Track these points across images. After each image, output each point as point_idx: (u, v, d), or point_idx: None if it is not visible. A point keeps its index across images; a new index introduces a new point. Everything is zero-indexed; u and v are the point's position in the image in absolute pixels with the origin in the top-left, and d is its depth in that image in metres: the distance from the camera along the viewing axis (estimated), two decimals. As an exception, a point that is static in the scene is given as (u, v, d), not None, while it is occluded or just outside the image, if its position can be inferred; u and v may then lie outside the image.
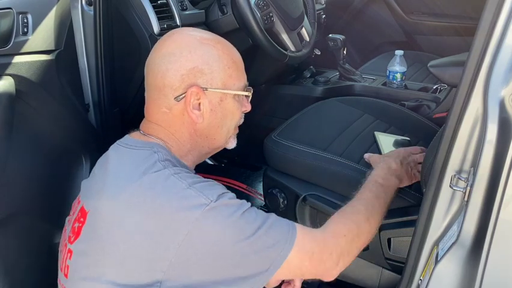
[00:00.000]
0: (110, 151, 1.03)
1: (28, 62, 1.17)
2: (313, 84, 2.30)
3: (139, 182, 0.90)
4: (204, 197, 0.88)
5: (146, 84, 1.02)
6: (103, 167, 1.00)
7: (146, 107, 1.03)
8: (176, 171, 0.92)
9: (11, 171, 1.15)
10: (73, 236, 0.97)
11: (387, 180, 1.21)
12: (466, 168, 0.95)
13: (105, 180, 0.96)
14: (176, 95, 0.97)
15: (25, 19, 1.15)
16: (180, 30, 1.07)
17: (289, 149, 1.56)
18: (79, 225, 0.97)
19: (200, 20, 1.70)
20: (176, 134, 1.01)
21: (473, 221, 0.91)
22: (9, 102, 1.10)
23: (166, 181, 0.90)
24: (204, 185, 0.91)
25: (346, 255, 1.00)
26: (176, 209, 0.87)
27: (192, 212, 0.86)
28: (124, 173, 0.94)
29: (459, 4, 2.61)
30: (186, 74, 0.96)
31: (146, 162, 0.93)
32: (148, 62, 1.01)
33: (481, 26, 0.88)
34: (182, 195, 0.88)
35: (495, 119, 0.87)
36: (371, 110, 1.81)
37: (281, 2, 1.81)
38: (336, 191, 1.48)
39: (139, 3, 1.48)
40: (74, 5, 1.33)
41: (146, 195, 0.89)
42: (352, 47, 2.88)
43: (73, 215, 1.03)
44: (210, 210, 0.87)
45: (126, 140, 1.03)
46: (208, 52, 0.99)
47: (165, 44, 1.00)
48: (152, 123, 1.01)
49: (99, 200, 0.94)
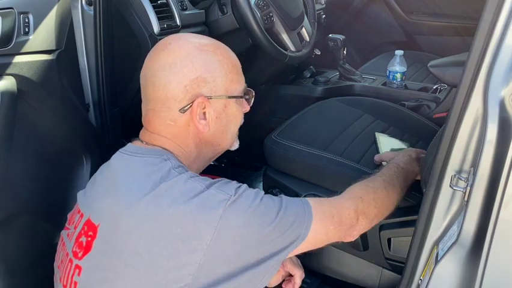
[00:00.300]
0: (113, 160, 1.00)
1: (29, 62, 1.17)
2: (313, 84, 2.30)
3: (156, 191, 0.87)
4: (224, 193, 0.87)
5: (146, 96, 0.98)
6: (109, 178, 0.97)
7: (147, 119, 0.99)
8: (192, 175, 0.91)
9: (12, 171, 1.15)
10: (81, 251, 0.93)
11: (408, 164, 1.23)
12: (466, 168, 0.95)
13: (116, 191, 0.92)
14: (181, 107, 0.95)
15: (26, 19, 1.16)
16: (176, 37, 1.01)
17: (289, 149, 1.56)
18: (88, 239, 0.93)
19: (200, 20, 1.70)
20: (182, 145, 0.99)
21: (473, 221, 0.91)
22: (11, 102, 1.10)
23: (184, 185, 0.88)
24: (220, 183, 0.91)
25: (364, 216, 1.03)
26: (198, 211, 0.85)
27: (215, 210, 0.85)
28: (138, 182, 0.90)
29: (459, 4, 2.61)
30: (190, 85, 0.94)
31: (160, 170, 0.91)
32: (146, 73, 0.97)
33: (481, 26, 0.89)
34: (203, 196, 0.87)
35: (495, 119, 0.87)
36: (371, 110, 1.81)
37: (281, 2, 1.81)
38: (336, 191, 1.48)
39: (139, 3, 1.48)
40: (75, 5, 1.34)
41: (164, 202, 0.86)
42: (352, 47, 2.88)
43: (74, 229, 0.98)
44: (232, 204, 0.86)
45: (130, 148, 1.00)
46: (209, 59, 0.97)
47: (163, 54, 0.96)
48: (154, 134, 0.99)
49: (112, 213, 0.90)
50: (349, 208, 1.01)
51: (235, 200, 0.87)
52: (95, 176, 1.02)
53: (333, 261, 1.59)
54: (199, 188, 0.88)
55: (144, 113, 1.00)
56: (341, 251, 1.54)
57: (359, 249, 1.45)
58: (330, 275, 1.60)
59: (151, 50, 1.00)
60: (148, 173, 0.91)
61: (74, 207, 1.04)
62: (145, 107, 1.00)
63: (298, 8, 1.93)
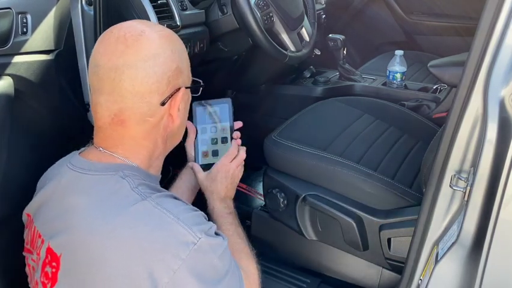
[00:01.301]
0: (64, 177, 0.90)
1: (27, 62, 1.17)
2: (313, 84, 2.30)
3: (116, 221, 0.80)
4: (192, 234, 0.81)
5: (115, 92, 0.84)
6: (61, 199, 0.88)
7: (120, 119, 0.86)
8: (157, 201, 0.83)
9: (10, 171, 1.15)
10: (49, 283, 0.87)
11: (227, 207, 1.11)
12: (466, 168, 0.95)
13: (71, 218, 0.85)
14: (162, 100, 0.87)
15: (24, 19, 1.15)
16: (141, 24, 0.89)
17: (289, 149, 1.55)
18: (52, 270, 0.87)
19: (200, 20, 1.70)
20: (151, 143, 0.91)
21: (473, 221, 0.91)
22: (8, 102, 1.10)
23: (149, 217, 0.81)
24: (189, 216, 0.84)
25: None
26: (162, 250, 0.79)
27: (179, 251, 0.80)
28: (94, 208, 0.83)
29: (459, 4, 2.60)
30: (172, 76, 0.87)
31: (117, 193, 0.83)
32: (116, 65, 0.83)
33: (481, 26, 0.89)
34: (170, 233, 0.80)
35: (495, 119, 0.87)
36: (371, 110, 1.81)
37: (281, 2, 1.80)
38: (336, 191, 1.48)
39: (139, 3, 1.48)
40: (74, 5, 1.33)
41: (125, 235, 0.80)
42: (352, 47, 2.87)
43: (37, 255, 0.91)
44: (197, 250, 0.81)
45: (79, 162, 0.90)
46: (182, 48, 0.92)
47: (142, 44, 0.85)
48: (116, 135, 0.88)
49: (71, 243, 0.84)
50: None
51: (200, 245, 0.81)
52: (44, 193, 0.94)
53: (333, 261, 1.58)
54: (166, 220, 0.81)
55: (111, 113, 0.86)
56: (341, 251, 1.54)
57: (359, 249, 1.45)
58: (330, 275, 1.60)
59: (106, 38, 0.87)
60: (106, 197, 0.84)
61: (30, 225, 0.96)
62: (111, 106, 0.85)
63: (298, 8, 1.93)
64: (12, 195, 1.18)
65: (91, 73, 0.88)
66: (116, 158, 0.89)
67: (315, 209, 1.50)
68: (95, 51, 0.87)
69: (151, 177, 0.93)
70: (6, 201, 1.16)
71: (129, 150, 0.89)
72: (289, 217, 1.57)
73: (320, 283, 1.58)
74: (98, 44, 0.88)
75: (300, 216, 1.54)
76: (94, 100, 0.88)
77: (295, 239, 1.61)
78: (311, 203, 1.49)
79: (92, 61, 0.88)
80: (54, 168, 0.98)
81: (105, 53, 0.85)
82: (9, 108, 1.11)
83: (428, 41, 2.81)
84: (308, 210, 1.53)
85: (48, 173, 0.99)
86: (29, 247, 0.96)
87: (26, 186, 1.19)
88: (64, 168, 0.92)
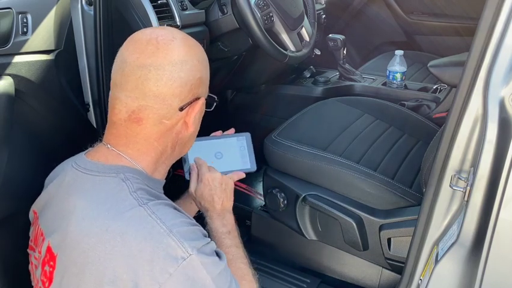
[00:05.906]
0: (68, 176, 0.91)
1: (28, 62, 1.17)
2: (313, 84, 2.30)
3: (110, 226, 0.80)
4: (183, 249, 0.79)
5: (136, 89, 0.85)
6: (64, 198, 0.89)
7: (138, 116, 0.87)
8: (153, 210, 0.82)
9: (11, 171, 1.15)
10: (46, 281, 0.88)
11: (226, 225, 1.09)
12: (466, 168, 0.95)
13: (69, 218, 0.85)
14: (182, 105, 0.89)
15: (25, 19, 1.15)
16: (173, 31, 0.93)
17: (289, 149, 1.56)
18: (50, 269, 0.87)
19: (200, 20, 1.70)
20: (160, 144, 0.91)
21: (473, 221, 0.91)
22: (9, 103, 1.10)
23: (141, 225, 0.80)
24: (184, 230, 0.82)
25: None
26: (150, 261, 0.78)
27: (167, 265, 0.78)
28: (91, 210, 0.83)
29: (459, 4, 2.61)
30: (194, 84, 0.90)
31: (115, 196, 0.83)
32: (145, 64, 0.85)
33: (481, 26, 0.89)
34: (160, 245, 0.79)
35: (495, 119, 0.87)
36: (371, 110, 1.81)
37: (281, 2, 1.80)
38: (336, 191, 1.49)
39: (139, 3, 1.48)
40: (74, 5, 1.33)
41: (116, 240, 0.79)
42: (352, 47, 2.88)
43: (39, 253, 0.92)
44: (186, 267, 0.79)
45: (84, 162, 0.91)
46: (206, 60, 0.95)
47: (172, 49, 0.87)
48: (130, 133, 0.88)
49: (67, 243, 0.84)
50: None
51: (191, 262, 0.79)
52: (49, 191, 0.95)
53: (333, 261, 1.59)
54: (158, 231, 0.80)
55: (129, 110, 0.87)
56: (341, 251, 1.54)
57: (359, 249, 1.45)
58: (330, 275, 1.60)
59: (138, 37, 0.89)
60: (104, 200, 0.83)
61: (35, 222, 0.97)
62: (131, 103, 0.86)
63: (298, 8, 1.93)
64: (12, 195, 1.18)
65: (116, 68, 0.89)
66: (122, 158, 0.89)
67: (315, 209, 1.50)
68: (124, 48, 0.90)
69: (155, 182, 0.92)
70: (6, 201, 1.16)
71: (139, 150, 0.89)
72: (289, 217, 1.57)
73: (319, 283, 1.58)
74: (128, 42, 0.90)
75: (300, 216, 1.54)
76: (113, 95, 0.90)
77: (295, 239, 1.61)
78: (311, 203, 1.50)
79: (119, 57, 0.89)
80: (61, 166, 0.99)
81: (135, 51, 0.87)
82: (9, 108, 1.11)
83: (428, 41, 2.81)
84: (308, 210, 1.53)
85: (56, 170, 1.01)
86: (32, 244, 0.97)
87: (26, 186, 1.19)
88: (69, 166, 0.93)
